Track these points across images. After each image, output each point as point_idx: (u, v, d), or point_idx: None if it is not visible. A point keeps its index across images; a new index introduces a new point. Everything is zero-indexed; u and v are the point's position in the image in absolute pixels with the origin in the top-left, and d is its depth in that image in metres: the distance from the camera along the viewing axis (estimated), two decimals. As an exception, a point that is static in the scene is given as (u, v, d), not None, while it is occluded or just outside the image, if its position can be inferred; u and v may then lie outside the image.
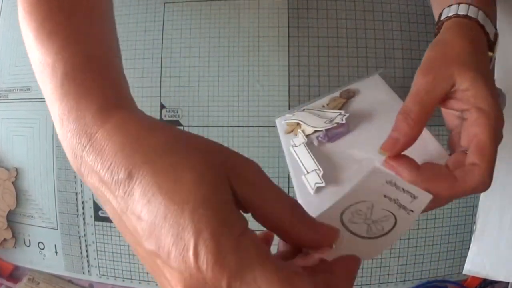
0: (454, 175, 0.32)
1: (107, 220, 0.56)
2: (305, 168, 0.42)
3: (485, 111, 0.32)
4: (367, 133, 0.43)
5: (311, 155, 0.42)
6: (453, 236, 0.55)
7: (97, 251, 0.57)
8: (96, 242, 0.57)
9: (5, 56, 0.58)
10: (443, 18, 0.39)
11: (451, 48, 0.35)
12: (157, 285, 0.56)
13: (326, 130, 0.44)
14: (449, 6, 0.39)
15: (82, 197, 0.56)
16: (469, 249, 0.53)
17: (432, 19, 0.48)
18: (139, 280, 0.56)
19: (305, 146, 0.44)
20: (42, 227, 0.58)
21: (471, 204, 0.54)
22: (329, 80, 0.53)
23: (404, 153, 0.34)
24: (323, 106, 0.48)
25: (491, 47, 0.39)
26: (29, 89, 0.57)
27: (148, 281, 0.56)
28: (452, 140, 0.37)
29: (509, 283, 0.54)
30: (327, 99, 0.49)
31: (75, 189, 0.57)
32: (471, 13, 0.38)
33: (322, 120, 0.45)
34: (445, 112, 0.38)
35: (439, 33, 0.39)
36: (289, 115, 0.47)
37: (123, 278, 0.57)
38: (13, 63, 0.58)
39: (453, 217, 0.54)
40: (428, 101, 0.33)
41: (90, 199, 0.56)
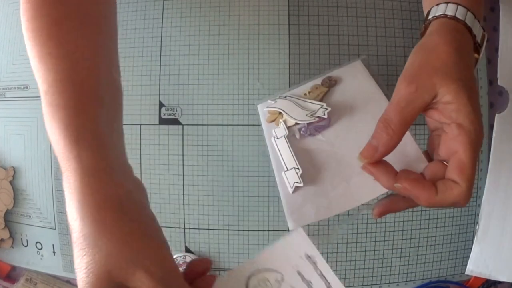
0: (435, 186, 0.33)
1: (106, 219, 0.55)
2: (285, 164, 0.43)
3: (466, 129, 0.32)
4: (347, 127, 0.44)
5: (291, 151, 0.43)
6: (455, 236, 0.54)
7: (95, 251, 0.56)
8: (94, 242, 0.56)
9: (2, 54, 0.58)
10: (430, 17, 0.38)
11: (436, 55, 0.34)
12: (156, 285, 0.55)
13: (307, 123, 0.44)
14: (437, 4, 0.38)
15: (80, 196, 0.56)
16: (471, 249, 0.52)
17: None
18: (138, 280, 0.56)
19: (285, 139, 0.44)
20: (39, 226, 0.58)
21: (473, 203, 0.54)
22: (330, 78, 0.52)
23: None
24: (305, 94, 0.48)
25: (477, 49, 0.38)
26: (27, 88, 0.57)
27: (147, 282, 0.55)
28: (431, 142, 0.37)
29: (512, 283, 0.53)
30: (309, 86, 0.48)
31: (73, 188, 0.56)
32: (459, 14, 0.37)
33: (304, 112, 0.45)
34: (430, 118, 0.38)
35: (425, 35, 0.38)
36: (271, 102, 0.47)
37: (121, 278, 0.56)
38: (10, 60, 0.58)
39: (455, 217, 0.54)
40: (408, 112, 0.33)
41: (88, 198, 0.55)
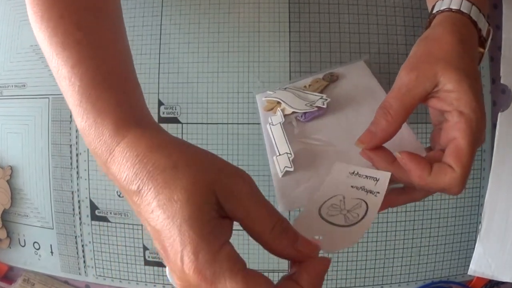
0: (430, 166, 0.32)
1: (104, 219, 0.55)
2: (278, 149, 0.43)
3: (466, 116, 0.32)
4: (345, 118, 0.44)
5: (285, 137, 0.43)
6: (458, 236, 0.54)
7: (93, 251, 0.56)
8: (92, 242, 0.56)
9: (0, 51, 0.57)
10: (435, 11, 0.38)
11: (438, 45, 0.34)
12: (155, 286, 0.55)
13: (304, 112, 0.44)
14: None
15: (78, 196, 0.55)
16: (474, 249, 0.52)
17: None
18: (137, 281, 0.55)
19: (281, 126, 0.45)
20: (37, 226, 0.57)
21: (476, 203, 0.53)
22: (331, 76, 0.52)
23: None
24: (305, 86, 0.48)
25: (483, 43, 0.38)
26: (24, 86, 0.56)
27: (145, 282, 0.55)
28: (433, 136, 0.37)
29: (515, 284, 0.53)
30: (310, 79, 0.49)
31: (71, 187, 0.55)
32: (464, 8, 0.36)
33: (303, 102, 0.45)
34: (432, 108, 0.37)
35: (428, 28, 0.37)
36: (270, 92, 0.48)
37: (120, 279, 0.56)
38: (7, 58, 0.57)
39: (457, 217, 0.53)
40: (408, 99, 0.33)
41: (86, 198, 0.55)
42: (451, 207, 0.53)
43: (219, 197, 0.27)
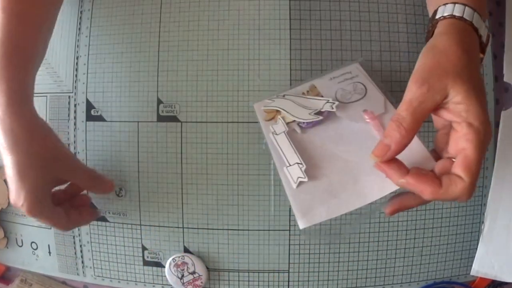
0: (439, 181, 0.34)
1: (103, 219, 0.54)
2: (287, 160, 0.43)
3: (475, 128, 0.34)
4: (345, 124, 0.45)
5: (292, 146, 0.44)
6: (460, 235, 0.53)
7: (92, 251, 0.55)
8: (91, 242, 0.55)
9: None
10: (438, 16, 0.39)
11: (446, 57, 0.35)
12: (154, 286, 0.55)
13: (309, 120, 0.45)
14: (445, 4, 0.39)
15: (76, 195, 0.55)
16: (477, 249, 0.51)
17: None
18: (135, 281, 0.55)
19: (286, 135, 0.45)
20: (35, 226, 0.57)
21: (479, 203, 0.53)
22: (332, 74, 0.51)
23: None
24: (303, 93, 0.48)
25: (483, 49, 0.40)
26: (22, 84, 0.56)
27: (144, 283, 0.54)
28: (438, 140, 0.39)
29: (518, 284, 0.52)
30: (307, 85, 0.48)
31: (69, 187, 0.55)
32: (467, 15, 0.38)
33: (305, 110, 0.45)
34: (441, 118, 0.39)
35: (433, 36, 0.39)
36: (268, 101, 0.47)
37: (118, 279, 0.55)
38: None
39: (460, 216, 0.53)
40: (420, 112, 0.35)
41: (84, 197, 0.54)
42: (454, 206, 0.52)
43: (58, 174, 0.45)
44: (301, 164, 0.42)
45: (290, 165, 0.42)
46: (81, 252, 0.56)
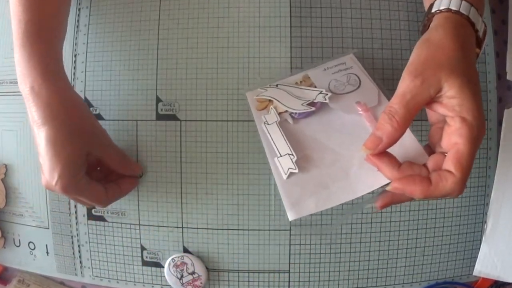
0: (429, 179, 0.34)
1: (101, 219, 0.54)
2: (278, 150, 0.43)
3: (469, 122, 0.33)
4: (338, 116, 0.44)
5: (284, 137, 0.44)
6: (463, 235, 0.52)
7: (90, 251, 0.55)
8: (89, 242, 0.55)
9: (-6, 47, 0.56)
10: (434, 10, 0.39)
11: (441, 51, 0.35)
12: (153, 287, 0.54)
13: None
14: None
15: (74, 195, 0.54)
16: (479, 249, 0.51)
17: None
18: (134, 282, 0.54)
19: (277, 125, 0.45)
20: (32, 226, 0.56)
21: (481, 202, 0.52)
22: (333, 72, 0.50)
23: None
24: (297, 83, 0.48)
25: (480, 44, 0.39)
26: (19, 82, 0.55)
27: (143, 283, 0.54)
28: (432, 135, 0.39)
29: (521, 285, 0.52)
30: (300, 75, 0.48)
31: (67, 186, 0.54)
32: (463, 9, 0.37)
33: (298, 101, 0.45)
34: (434, 111, 0.38)
35: (429, 29, 0.38)
36: (261, 90, 0.47)
37: (117, 279, 0.55)
38: (2, 54, 0.56)
39: (462, 216, 0.52)
40: (413, 105, 0.34)
41: (83, 197, 0.54)
42: (456, 206, 0.52)
43: (91, 151, 0.44)
44: (292, 155, 0.42)
45: (281, 156, 0.42)
46: (79, 252, 0.55)
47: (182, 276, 0.52)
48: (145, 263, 0.54)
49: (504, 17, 0.52)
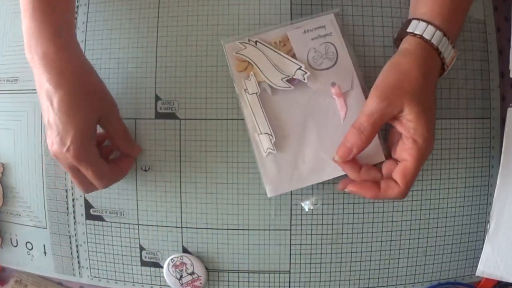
0: (378, 186, 0.44)
1: (99, 219, 0.53)
2: (258, 127, 0.47)
3: (419, 145, 0.41)
4: (317, 94, 0.48)
5: (264, 113, 0.47)
6: (465, 235, 0.52)
7: (88, 251, 0.54)
8: (87, 242, 0.54)
9: (-9, 45, 0.56)
10: (410, 30, 0.43)
11: (407, 78, 0.41)
12: (152, 287, 0.53)
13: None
14: (419, 20, 0.43)
15: (72, 194, 0.54)
16: (482, 249, 0.50)
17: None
18: (133, 282, 0.54)
19: (258, 98, 0.47)
20: (30, 226, 0.56)
21: (484, 202, 0.52)
22: (334, 70, 0.50)
23: None
24: (275, 43, 0.49)
25: (445, 68, 0.44)
26: (17, 80, 0.55)
27: (142, 284, 0.53)
28: (391, 136, 0.47)
29: (525, 285, 0.51)
30: (280, 33, 0.49)
31: (65, 186, 0.54)
32: (435, 40, 0.42)
33: (279, 75, 0.47)
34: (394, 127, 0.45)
35: (399, 51, 0.44)
36: (240, 46, 0.48)
37: (115, 280, 0.54)
38: (-1, 52, 0.56)
39: (465, 216, 0.52)
40: (379, 123, 0.42)
41: (81, 196, 0.53)
42: (459, 205, 0.51)
43: (101, 121, 0.46)
44: (271, 136, 0.47)
45: (261, 133, 0.47)
46: (77, 252, 0.55)
47: (181, 276, 0.52)
48: (144, 263, 0.53)
49: (507, 14, 0.51)
